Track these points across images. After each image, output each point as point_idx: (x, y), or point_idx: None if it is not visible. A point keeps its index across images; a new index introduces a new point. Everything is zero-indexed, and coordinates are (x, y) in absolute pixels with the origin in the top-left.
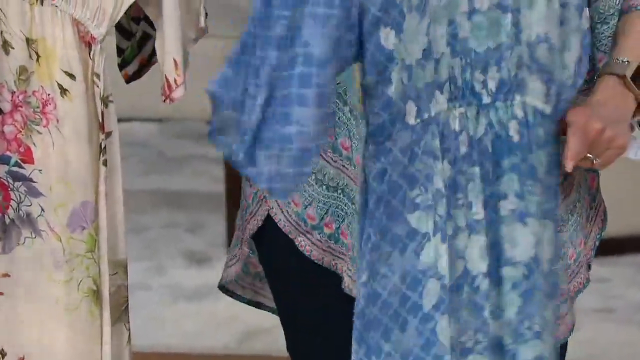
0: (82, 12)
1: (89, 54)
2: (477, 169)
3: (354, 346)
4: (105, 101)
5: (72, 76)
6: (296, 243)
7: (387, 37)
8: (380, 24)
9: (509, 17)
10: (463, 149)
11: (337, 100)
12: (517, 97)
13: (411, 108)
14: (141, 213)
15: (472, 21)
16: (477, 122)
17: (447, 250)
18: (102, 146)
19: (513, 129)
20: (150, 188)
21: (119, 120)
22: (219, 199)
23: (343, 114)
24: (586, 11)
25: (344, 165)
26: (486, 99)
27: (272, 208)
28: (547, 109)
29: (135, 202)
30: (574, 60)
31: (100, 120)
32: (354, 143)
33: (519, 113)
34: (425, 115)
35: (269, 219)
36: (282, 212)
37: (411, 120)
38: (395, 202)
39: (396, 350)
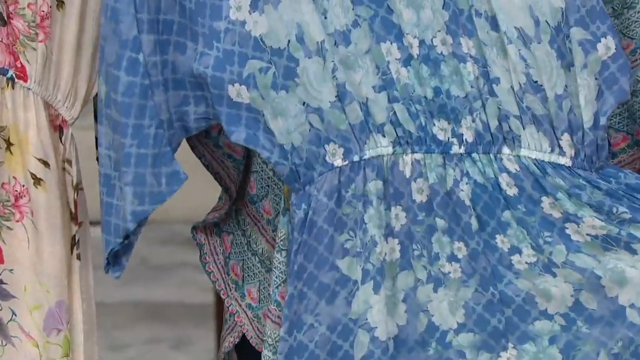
0: (53, 94)
1: (60, 139)
2: (439, 221)
3: None
4: (77, 189)
5: (46, 164)
6: None
7: (240, 93)
8: (224, 84)
9: (469, 67)
10: (418, 198)
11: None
12: (506, 150)
13: (334, 149)
14: (120, 328)
15: (411, 68)
16: (445, 171)
17: (382, 301)
18: (76, 239)
19: (505, 182)
20: (131, 300)
21: (97, 223)
22: (207, 311)
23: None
24: (605, 40)
25: None
26: (456, 149)
27: (244, 324)
28: (563, 160)
29: (113, 316)
30: (590, 102)
31: (73, 210)
32: None
33: (512, 166)
34: (355, 157)
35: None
36: (252, 328)
37: (337, 161)
38: (322, 248)
39: None
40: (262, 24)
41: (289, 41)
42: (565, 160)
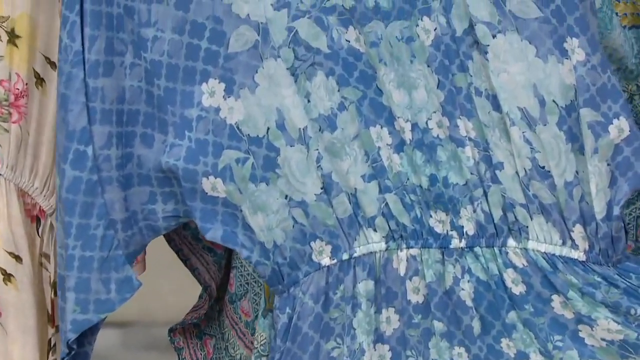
0: (30, 181)
1: (37, 231)
2: (437, 324)
3: None
4: (55, 287)
5: (18, 258)
6: None
7: (215, 186)
8: (197, 177)
9: (468, 151)
10: (414, 298)
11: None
12: (512, 243)
13: (321, 247)
14: None
15: (404, 154)
16: (444, 268)
17: None
18: (52, 343)
19: (510, 279)
20: None
21: None
22: None
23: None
24: (618, 122)
25: None
26: (456, 243)
27: None
28: (575, 254)
29: None
30: (602, 190)
31: (50, 311)
32: None
33: (518, 261)
34: (345, 255)
35: None
36: None
37: (324, 260)
38: (307, 357)
39: None
40: (238, 111)
41: (268, 128)
42: (578, 255)
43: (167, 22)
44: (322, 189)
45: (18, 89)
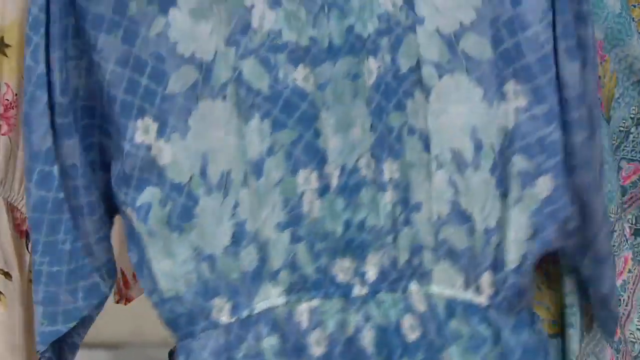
0: (19, 195)
1: (26, 246)
2: None
3: None
4: None
5: (7, 275)
6: None
7: (131, 219)
8: (119, 203)
9: (387, 196)
10: (318, 351)
11: None
12: (414, 287)
13: (222, 304)
14: None
15: (326, 200)
16: (346, 317)
17: None
18: None
19: (408, 324)
20: None
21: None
22: None
23: None
24: (544, 178)
25: None
26: (359, 291)
27: None
28: (478, 299)
29: None
30: (517, 242)
31: None
32: None
33: (419, 306)
34: (245, 313)
35: None
36: None
37: (224, 317)
38: None
39: None
40: (167, 154)
41: (191, 176)
42: (480, 300)
43: (112, 53)
44: (231, 239)
45: (8, 100)
